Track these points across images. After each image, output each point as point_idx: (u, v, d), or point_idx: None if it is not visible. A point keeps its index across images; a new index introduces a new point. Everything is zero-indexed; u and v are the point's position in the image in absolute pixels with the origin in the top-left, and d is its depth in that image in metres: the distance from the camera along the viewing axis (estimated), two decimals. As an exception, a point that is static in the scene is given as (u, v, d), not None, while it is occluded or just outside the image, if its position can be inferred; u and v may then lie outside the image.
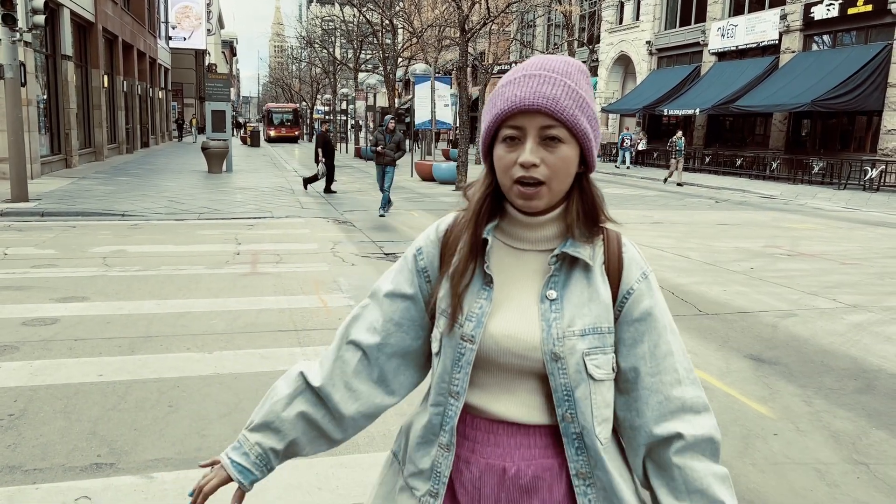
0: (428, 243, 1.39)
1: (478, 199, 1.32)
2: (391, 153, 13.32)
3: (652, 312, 1.30)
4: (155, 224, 11.41)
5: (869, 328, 6.10)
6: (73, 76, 21.45)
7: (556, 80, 1.22)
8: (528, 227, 1.31)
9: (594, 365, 1.26)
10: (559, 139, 1.22)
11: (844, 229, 12.79)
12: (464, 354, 1.28)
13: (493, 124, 1.26)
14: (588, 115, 1.24)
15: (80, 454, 3.50)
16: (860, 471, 3.56)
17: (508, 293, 1.30)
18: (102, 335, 5.38)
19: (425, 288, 1.38)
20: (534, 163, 1.21)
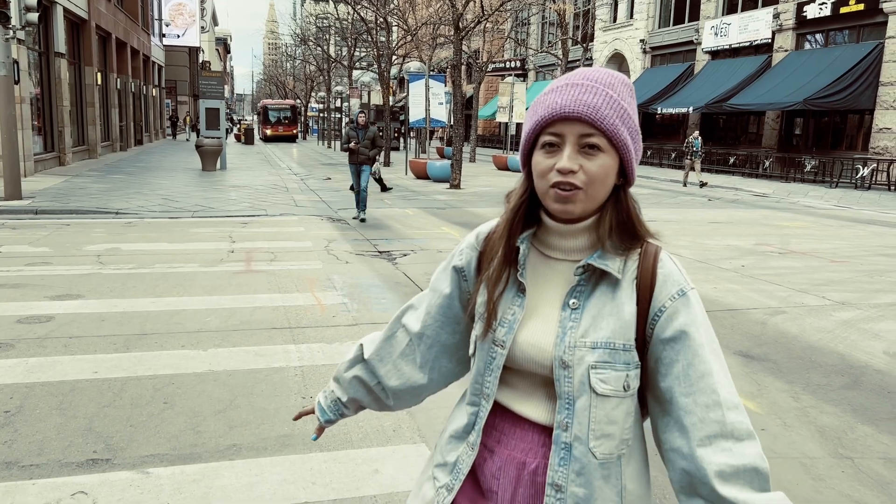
0: (468, 247, 1.43)
1: (513, 207, 1.34)
2: (366, 151, 12.24)
3: (687, 331, 1.24)
4: (149, 222, 11.42)
5: (857, 325, 6.18)
6: (67, 74, 21.39)
7: (599, 89, 1.23)
8: (561, 235, 1.32)
9: (599, 379, 1.25)
10: (598, 147, 1.22)
11: (835, 227, 12.88)
12: (494, 358, 1.32)
13: (533, 131, 1.27)
14: (629, 128, 1.25)
15: (76, 450, 3.53)
16: (845, 465, 3.62)
17: (538, 301, 1.32)
18: (97, 333, 5.42)
19: (463, 286, 1.43)
20: (572, 169, 1.21)
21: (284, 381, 4.54)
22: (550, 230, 1.32)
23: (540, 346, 1.28)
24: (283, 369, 4.75)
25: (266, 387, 4.43)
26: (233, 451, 3.58)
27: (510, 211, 1.34)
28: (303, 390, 4.39)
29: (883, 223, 13.65)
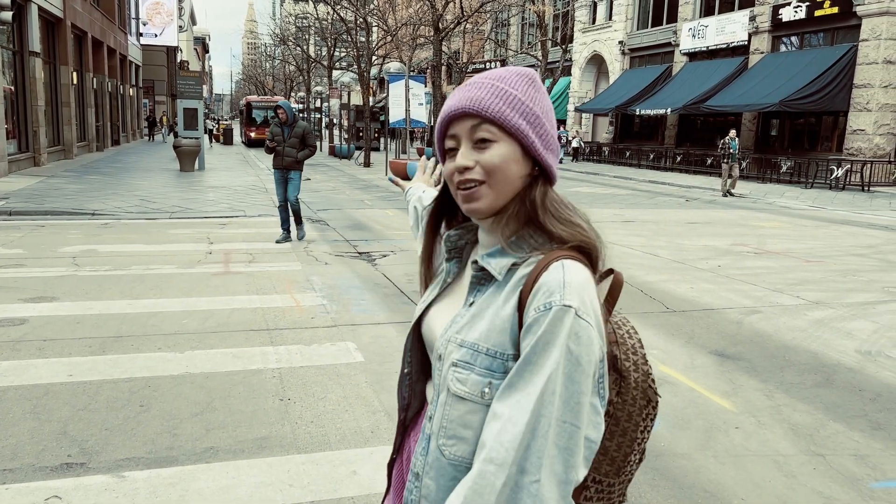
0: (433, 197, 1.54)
1: (429, 213, 1.40)
2: (293, 152, 9.84)
3: (534, 346, 1.08)
4: (126, 223, 11.31)
5: (830, 324, 6.27)
6: (42, 73, 21.11)
7: (486, 83, 1.21)
8: (482, 229, 1.29)
9: (456, 378, 1.18)
10: (489, 139, 1.19)
11: (810, 227, 13.06)
12: (410, 334, 1.38)
13: (439, 140, 1.28)
14: (523, 113, 1.19)
15: (51, 454, 3.50)
16: (817, 462, 3.68)
17: (456, 291, 1.32)
18: (72, 335, 5.36)
19: None
20: (467, 165, 1.19)
21: (262, 383, 4.53)
22: (479, 228, 1.33)
23: (433, 332, 1.30)
24: (260, 371, 4.73)
25: (243, 389, 4.42)
26: (209, 453, 3.56)
27: (427, 217, 1.42)
28: (280, 392, 4.38)
29: (856, 223, 13.86)
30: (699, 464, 3.62)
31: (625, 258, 9.11)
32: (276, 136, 9.82)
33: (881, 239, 11.74)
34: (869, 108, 21.88)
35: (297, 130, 9.86)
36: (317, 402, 4.26)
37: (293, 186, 9.95)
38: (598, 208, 15.47)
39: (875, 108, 21.78)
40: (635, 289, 7.43)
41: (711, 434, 3.98)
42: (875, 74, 21.64)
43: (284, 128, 9.84)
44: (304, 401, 4.26)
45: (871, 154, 22.05)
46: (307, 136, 9.94)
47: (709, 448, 3.81)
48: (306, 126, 10.01)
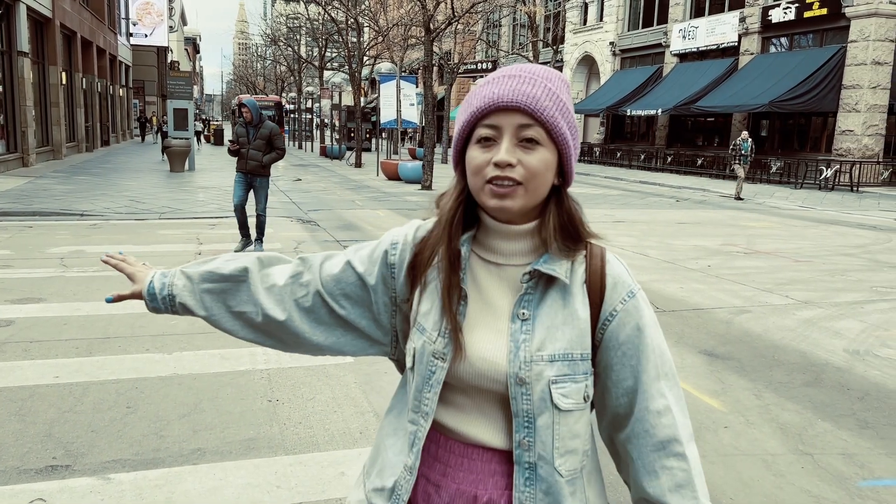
0: (404, 243, 1.31)
1: (449, 209, 1.24)
2: (258, 155, 8.82)
3: (639, 334, 1.21)
4: (115, 224, 11.25)
5: (818, 323, 6.29)
6: (30, 73, 20.99)
7: (538, 81, 1.16)
8: (503, 236, 1.23)
9: (560, 394, 1.18)
10: (537, 141, 1.15)
11: (799, 227, 13.12)
12: (434, 373, 1.22)
13: (468, 123, 1.19)
14: (569, 122, 1.18)
15: (35, 456, 3.47)
16: (805, 461, 3.69)
17: (482, 310, 1.23)
18: (59, 337, 5.32)
19: (389, 283, 1.31)
20: (510, 162, 1.13)
21: (250, 384, 4.50)
22: (492, 232, 1.23)
23: (491, 361, 1.19)
24: (248, 372, 4.70)
25: (231, 390, 4.39)
26: (196, 455, 3.53)
27: (448, 213, 1.24)
28: (269, 393, 4.35)
29: (845, 223, 13.93)
30: (688, 463, 3.61)
31: (615, 258, 9.10)
32: (241, 138, 8.87)
33: (870, 239, 11.81)
34: (858, 109, 22.02)
35: (263, 132, 8.85)
36: (305, 402, 4.24)
37: (261, 196, 9.00)
38: (590, 208, 15.40)
39: (864, 108, 21.91)
40: (625, 289, 7.43)
41: (701, 433, 3.98)
42: (864, 75, 21.78)
43: (249, 128, 8.89)
44: (293, 402, 4.24)
45: (859, 154, 22.19)
46: (275, 138, 8.94)
47: (698, 447, 3.79)
48: (274, 127, 9.04)
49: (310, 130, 50.86)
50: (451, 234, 1.23)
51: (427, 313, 1.25)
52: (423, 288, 1.27)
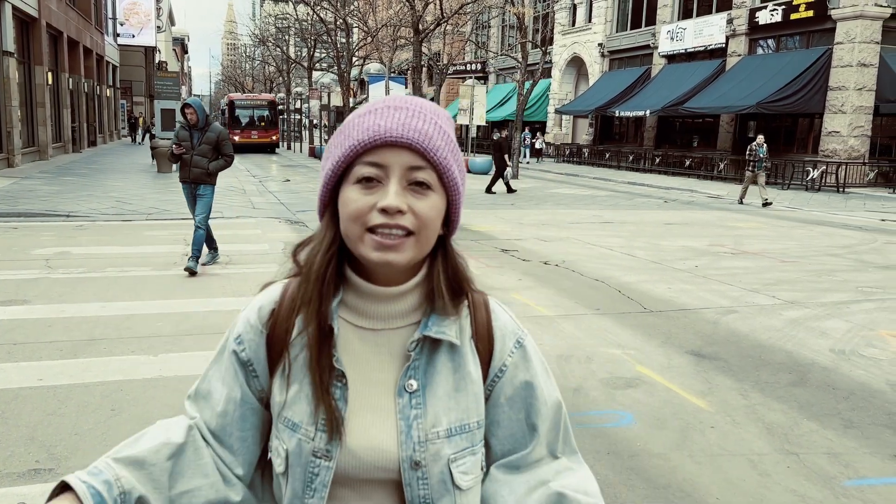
0: (249, 330, 1.10)
1: (319, 264, 1.03)
2: (203, 162, 7.85)
3: (530, 386, 1.11)
4: (101, 225, 11.17)
5: (804, 323, 6.33)
6: (16, 73, 20.82)
7: (427, 116, 1.01)
8: (380, 299, 1.06)
9: (461, 472, 1.06)
10: (428, 185, 1.00)
11: (786, 228, 13.19)
12: (318, 475, 1.03)
13: (345, 158, 1.00)
14: (459, 165, 1.04)
15: (18, 460, 3.43)
16: (791, 460, 3.70)
17: (362, 389, 1.05)
18: (43, 339, 5.27)
19: (253, 385, 1.10)
20: (400, 208, 0.97)
21: (237, 385, 4.48)
22: (365, 294, 1.06)
23: (380, 448, 1.03)
24: (235, 374, 4.68)
25: (218, 392, 4.36)
26: (181, 458, 3.51)
27: (318, 270, 1.03)
28: (255, 395, 4.33)
29: (831, 224, 14.02)
30: (675, 463, 3.62)
31: (603, 259, 9.13)
32: (184, 142, 7.87)
33: (856, 239, 11.89)
34: (844, 111, 22.18)
35: (209, 135, 7.87)
36: (292, 404, 4.21)
37: (202, 205, 7.92)
38: (578, 209, 15.51)
39: (850, 110, 22.07)
40: (613, 289, 7.45)
41: (687, 434, 3.99)
42: (849, 77, 21.94)
43: (194, 131, 7.88)
44: (280, 403, 4.22)
45: (845, 156, 22.35)
46: (222, 142, 7.93)
47: (685, 447, 3.82)
48: (222, 130, 8.04)
49: (298, 131, 50.73)
50: (321, 294, 1.03)
51: (294, 403, 1.05)
52: (285, 370, 1.06)
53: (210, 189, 8.07)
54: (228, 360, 1.10)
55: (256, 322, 1.09)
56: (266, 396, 1.10)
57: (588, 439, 3.84)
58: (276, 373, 1.08)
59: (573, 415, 4.18)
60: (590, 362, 5.13)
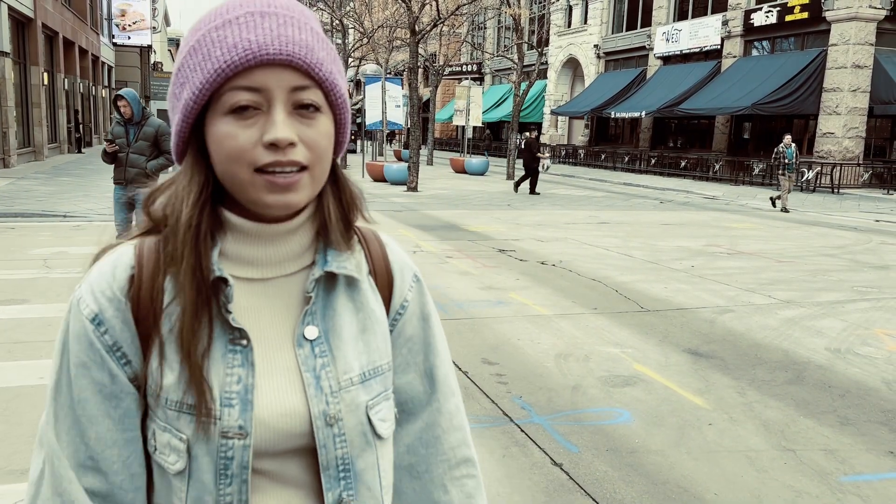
0: (107, 305, 0.86)
1: (190, 212, 0.85)
2: (140, 161, 6.94)
3: (427, 323, 1.03)
4: (98, 225, 11.16)
5: (800, 322, 6.37)
6: (11, 73, 20.79)
7: (302, 22, 0.85)
8: (269, 241, 0.90)
9: (380, 419, 0.94)
10: (317, 107, 0.85)
11: (781, 228, 13.26)
12: (233, 458, 0.85)
13: (210, 84, 0.82)
14: (342, 75, 0.90)
15: (21, 458, 3.44)
16: (788, 457, 3.74)
17: (260, 349, 0.89)
18: (43, 338, 5.28)
19: (129, 373, 0.87)
20: (291, 140, 0.82)
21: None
22: (249, 238, 0.90)
23: (294, 412, 0.88)
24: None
25: (218, 390, 4.39)
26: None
27: (187, 219, 0.85)
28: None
29: (826, 224, 14.10)
30: (673, 460, 3.66)
31: (600, 259, 9.17)
32: (118, 139, 6.93)
33: (850, 240, 11.96)
34: (838, 112, 22.28)
35: (147, 130, 6.93)
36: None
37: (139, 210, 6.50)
38: (574, 210, 15.56)
39: (844, 111, 22.18)
40: (610, 289, 7.49)
41: (685, 431, 4.03)
42: (844, 78, 22.05)
43: (129, 126, 6.94)
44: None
45: (840, 157, 22.45)
46: (162, 138, 6.93)
47: (682, 444, 3.85)
48: (161, 125, 6.98)
49: None
50: (198, 249, 0.85)
51: (183, 381, 0.85)
52: (161, 345, 0.86)
53: (138, 196, 6.84)
54: (98, 356, 0.86)
55: (113, 293, 0.86)
56: (141, 384, 0.87)
57: (586, 436, 3.87)
58: (150, 352, 0.86)
59: (572, 412, 4.22)
60: (588, 361, 5.17)
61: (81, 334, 0.86)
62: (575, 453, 3.67)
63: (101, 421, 0.86)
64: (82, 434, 0.86)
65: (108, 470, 0.87)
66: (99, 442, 0.86)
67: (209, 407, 0.84)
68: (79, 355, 0.86)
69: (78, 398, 0.86)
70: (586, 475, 3.46)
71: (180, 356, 0.85)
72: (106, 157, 7.08)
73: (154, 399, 0.87)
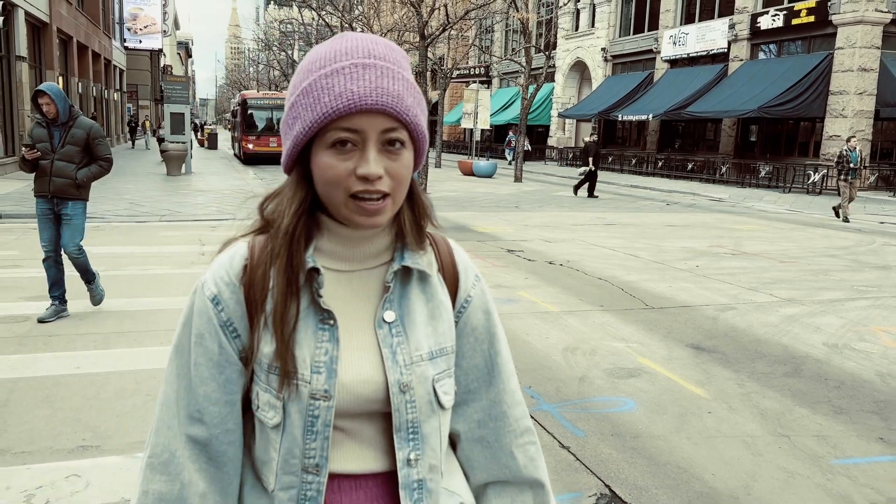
0: (224, 288, 1.09)
1: (289, 223, 1.06)
2: (69, 169, 5.74)
3: (489, 316, 1.22)
4: (116, 226, 11.46)
5: (800, 319, 6.59)
6: (28, 77, 21.18)
7: (395, 72, 1.03)
8: (356, 242, 1.11)
9: (443, 391, 1.13)
10: (402, 143, 1.04)
11: (786, 230, 13.45)
12: (318, 416, 1.05)
13: (317, 123, 1.01)
14: (423, 111, 1.08)
15: (66, 438, 3.71)
16: (782, 442, 3.97)
17: (345, 329, 1.10)
18: (76, 331, 5.56)
19: (237, 346, 1.09)
20: (379, 174, 1.01)
21: (262, 374, 4.76)
22: (341, 238, 1.11)
23: (371, 381, 1.08)
24: (260, 363, 4.96)
25: (245, 379, 4.64)
26: (217, 437, 3.79)
27: (288, 223, 1.06)
28: (280, 382, 4.61)
29: (831, 226, 14.27)
30: (674, 444, 3.89)
31: (606, 259, 9.41)
32: (40, 143, 5.72)
33: (853, 241, 12.14)
34: (844, 115, 22.43)
35: (76, 133, 5.75)
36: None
37: (73, 231, 5.86)
38: (581, 211, 15.78)
39: (850, 114, 22.33)
40: (616, 287, 7.72)
41: (686, 418, 4.26)
42: (850, 82, 22.20)
43: (53, 129, 5.74)
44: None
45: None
46: (95, 142, 5.79)
47: (683, 430, 4.09)
48: (93, 126, 5.86)
49: None
50: (291, 250, 1.06)
51: None
52: (267, 322, 1.07)
53: (80, 207, 5.90)
54: (214, 329, 1.08)
55: (231, 278, 1.09)
56: (247, 355, 1.09)
57: (592, 422, 4.11)
58: (257, 326, 1.08)
59: (579, 401, 4.46)
60: (594, 354, 5.40)
61: (202, 311, 1.09)
62: (581, 437, 3.91)
63: (208, 383, 1.08)
64: (193, 391, 1.08)
65: (209, 423, 1.08)
66: (205, 399, 1.08)
67: (292, 372, 1.05)
68: (198, 328, 1.09)
69: (194, 362, 1.09)
70: (592, 457, 3.70)
71: (275, 332, 1.05)
72: (25, 166, 5.78)
73: (258, 365, 1.08)
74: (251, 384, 1.10)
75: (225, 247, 1.13)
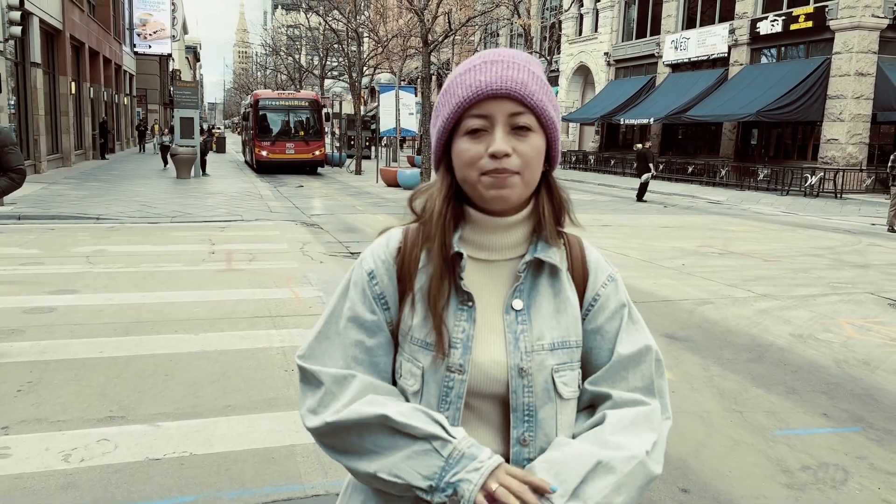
0: (380, 265, 1.23)
1: (439, 207, 1.19)
2: None
3: (619, 312, 1.26)
4: (130, 227, 11.98)
5: (772, 313, 7.02)
6: (42, 83, 21.78)
7: (521, 65, 1.15)
8: (495, 231, 1.21)
9: (563, 382, 1.19)
10: (529, 128, 1.14)
11: (777, 231, 13.85)
12: (452, 388, 1.16)
13: (453, 115, 1.15)
14: (554, 105, 1.18)
15: (95, 410, 4.19)
16: (735, 416, 4.41)
17: (481, 311, 1.20)
18: (98, 321, 6.05)
19: (386, 317, 1.23)
20: (507, 152, 1.11)
21: (269, 357, 5.23)
22: (482, 226, 1.21)
23: (495, 361, 1.17)
24: (266, 349, 5.43)
25: (253, 362, 5.12)
26: (228, 409, 4.27)
27: (439, 209, 1.19)
28: (285, 365, 5.08)
29: (822, 227, 14.66)
30: (636, 418, 4.33)
31: (597, 258, 9.81)
32: None
33: (840, 241, 12.54)
34: (842, 119, 22.80)
35: None
36: (316, 372, 4.95)
37: None
38: (578, 213, 15.87)
39: (848, 118, 22.69)
40: (603, 284, 8.15)
41: (651, 397, 4.70)
42: (847, 86, 22.57)
43: None
44: (305, 372, 4.96)
45: (843, 162, 22.95)
46: (6, 150, 5.01)
47: (646, 407, 4.52)
48: (6, 133, 5.12)
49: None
50: (444, 230, 1.18)
51: (425, 325, 1.18)
52: (413, 298, 1.20)
53: None
54: (369, 298, 1.22)
55: (387, 257, 1.23)
56: (394, 327, 1.22)
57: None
58: (405, 301, 1.21)
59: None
60: (574, 343, 5.84)
61: (360, 282, 1.24)
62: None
63: (357, 345, 1.21)
64: (343, 350, 1.21)
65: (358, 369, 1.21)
66: (353, 360, 1.21)
67: (444, 345, 1.16)
68: (353, 298, 1.23)
69: (345, 326, 1.22)
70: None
71: (426, 306, 1.18)
72: None
73: (403, 337, 1.21)
74: (395, 355, 1.24)
75: (383, 232, 1.30)
